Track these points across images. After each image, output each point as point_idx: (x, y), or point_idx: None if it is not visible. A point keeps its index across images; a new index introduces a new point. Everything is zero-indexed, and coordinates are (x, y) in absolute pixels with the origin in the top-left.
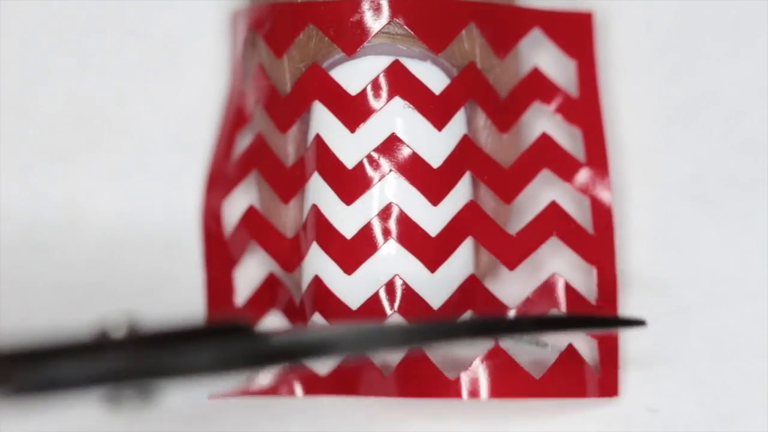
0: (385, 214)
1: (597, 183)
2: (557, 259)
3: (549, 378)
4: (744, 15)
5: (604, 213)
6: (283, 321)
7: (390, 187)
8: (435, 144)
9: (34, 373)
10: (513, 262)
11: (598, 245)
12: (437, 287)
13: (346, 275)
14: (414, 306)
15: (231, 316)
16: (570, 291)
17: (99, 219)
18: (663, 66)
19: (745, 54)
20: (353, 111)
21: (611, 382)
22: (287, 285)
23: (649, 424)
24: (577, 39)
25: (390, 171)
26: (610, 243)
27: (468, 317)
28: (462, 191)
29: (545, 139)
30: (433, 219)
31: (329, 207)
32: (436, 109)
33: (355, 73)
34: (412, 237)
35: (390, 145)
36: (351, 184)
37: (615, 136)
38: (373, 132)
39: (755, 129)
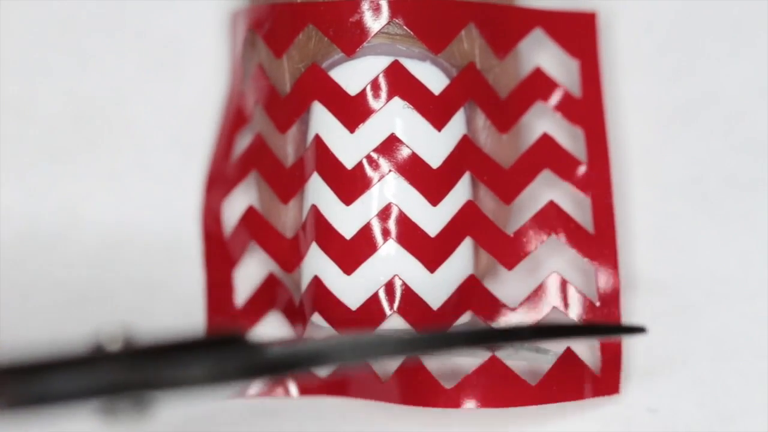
0: (385, 214)
1: (598, 183)
2: (557, 259)
3: (546, 384)
4: (744, 15)
5: (605, 213)
6: (283, 321)
7: (389, 188)
8: (434, 144)
9: (28, 387)
10: (512, 262)
11: (598, 245)
12: (437, 287)
13: (345, 275)
14: (413, 306)
15: (227, 326)
16: (570, 291)
17: (99, 219)
18: (663, 66)
19: (745, 54)
20: (353, 111)
21: (613, 380)
22: (287, 285)
23: (649, 424)
24: (581, 39)
25: (389, 171)
26: (611, 243)
27: (467, 326)
28: (461, 191)
29: (546, 140)
30: (433, 219)
31: (329, 207)
32: (435, 110)
33: (355, 74)
34: (411, 237)
35: (389, 146)
36: (350, 184)
37: (616, 135)
38: (373, 132)
39: (755, 129)
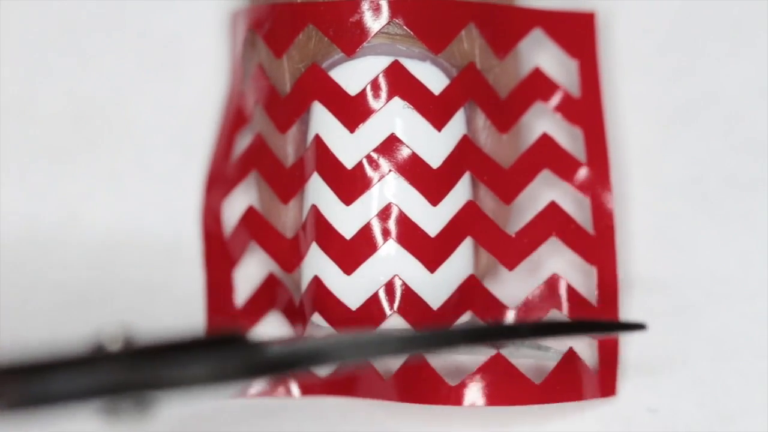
0: (385, 214)
1: (598, 183)
2: (557, 260)
3: (549, 383)
4: (744, 15)
5: (604, 213)
6: (283, 321)
7: (389, 188)
8: (434, 144)
9: (29, 387)
10: (512, 262)
11: (598, 245)
12: (437, 287)
13: (345, 275)
14: (413, 306)
15: (227, 325)
16: (570, 291)
17: (99, 219)
18: (663, 66)
19: (745, 54)
20: (353, 111)
21: (610, 381)
22: (287, 285)
23: (649, 424)
24: (579, 39)
25: (389, 171)
26: (610, 243)
27: (467, 324)
28: (461, 191)
29: (546, 140)
30: (433, 219)
31: (329, 207)
32: (435, 110)
33: (355, 74)
34: (411, 237)
35: (389, 146)
36: (350, 184)
37: (615, 136)
38: (373, 132)
39: (755, 129)
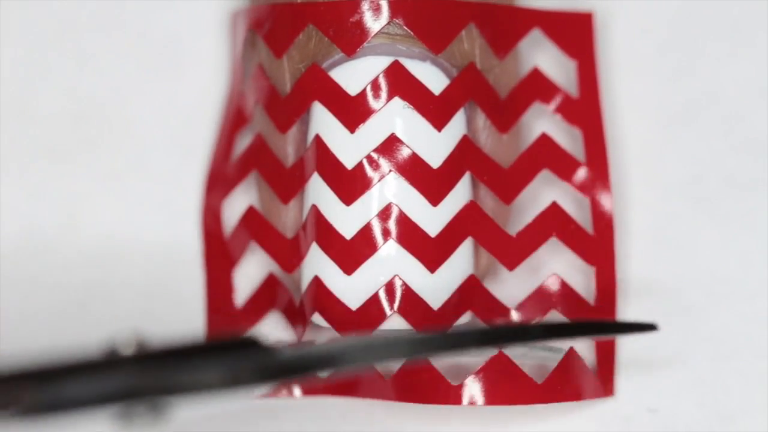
0: (385, 214)
1: (597, 183)
2: (557, 260)
3: (552, 383)
4: (744, 15)
5: (604, 213)
6: (283, 321)
7: (390, 188)
8: (435, 144)
9: (43, 393)
10: (513, 262)
11: (597, 246)
12: (437, 288)
13: (345, 276)
14: (414, 307)
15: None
16: (569, 292)
17: (98, 219)
18: (663, 66)
19: (745, 54)
20: (353, 111)
21: (607, 381)
22: (287, 285)
23: (649, 424)
24: (578, 39)
25: (390, 171)
26: (609, 243)
27: (479, 325)
28: (462, 191)
29: (545, 140)
30: (433, 219)
31: (329, 207)
32: (435, 110)
33: (355, 74)
34: (411, 237)
35: (390, 146)
36: (351, 184)
37: (615, 136)
38: (373, 132)
39: (755, 129)
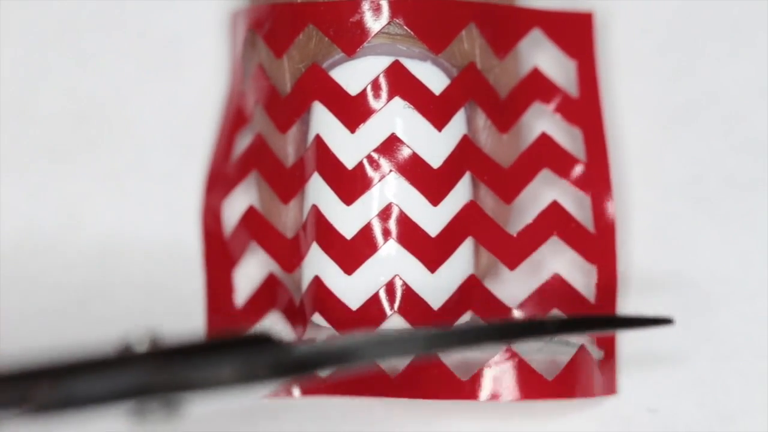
0: (385, 214)
1: (597, 182)
2: (558, 259)
3: (562, 379)
4: (744, 15)
5: (604, 213)
6: (283, 321)
7: (390, 188)
8: (435, 144)
9: (57, 390)
10: (514, 262)
11: (598, 245)
12: (437, 287)
13: (346, 275)
14: (414, 306)
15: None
16: (570, 291)
17: (98, 219)
18: (663, 66)
19: (745, 54)
20: (353, 111)
21: (609, 380)
22: (287, 285)
23: (649, 424)
24: (577, 39)
25: (390, 171)
26: (610, 243)
27: (494, 320)
28: (462, 191)
29: (545, 139)
30: (433, 219)
31: (329, 207)
32: (436, 110)
33: (355, 74)
34: (412, 237)
35: (390, 146)
36: (351, 184)
37: (615, 136)
38: (373, 132)
39: (755, 129)
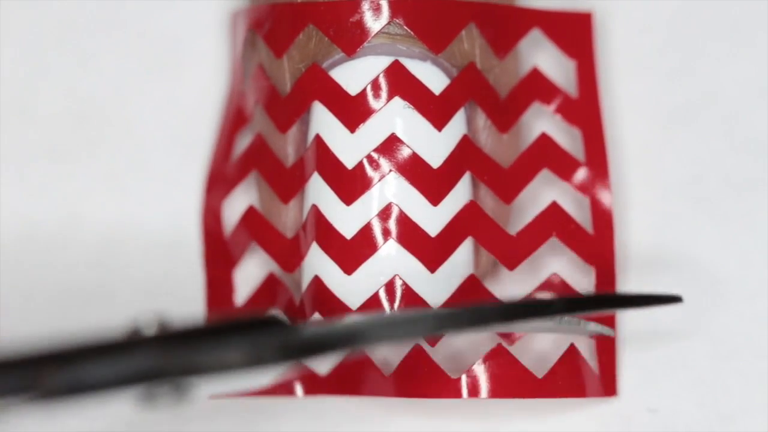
0: (385, 214)
1: (597, 183)
2: (557, 260)
3: (551, 378)
4: (744, 15)
5: (603, 213)
6: None
7: (390, 188)
8: (435, 144)
9: (66, 374)
10: (513, 262)
11: (597, 245)
12: (437, 287)
13: (346, 275)
14: (414, 306)
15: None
16: (569, 291)
17: (99, 219)
18: (663, 66)
19: (745, 54)
20: (353, 111)
21: (610, 381)
22: (287, 285)
23: (649, 424)
24: (577, 39)
25: (390, 171)
26: (609, 243)
27: (503, 300)
28: (462, 191)
29: (545, 139)
30: (433, 219)
31: (329, 207)
32: (436, 110)
33: (355, 74)
34: (411, 237)
35: (390, 146)
36: (351, 184)
37: (615, 136)
38: (373, 132)
39: (755, 129)
